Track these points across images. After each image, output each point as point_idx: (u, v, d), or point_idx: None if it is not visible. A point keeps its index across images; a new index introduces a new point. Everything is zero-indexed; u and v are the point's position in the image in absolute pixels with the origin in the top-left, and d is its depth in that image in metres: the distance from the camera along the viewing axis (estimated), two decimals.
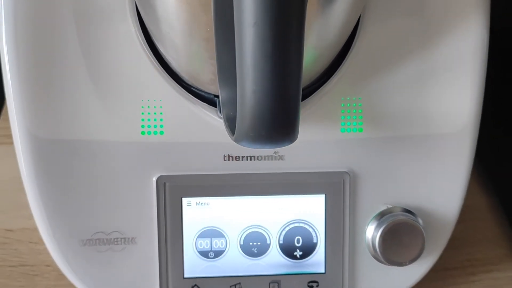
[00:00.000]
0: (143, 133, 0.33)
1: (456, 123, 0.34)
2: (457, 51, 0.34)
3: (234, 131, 0.25)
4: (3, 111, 0.52)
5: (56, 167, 0.33)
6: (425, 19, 0.34)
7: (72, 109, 0.32)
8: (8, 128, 0.48)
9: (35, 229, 0.36)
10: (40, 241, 0.37)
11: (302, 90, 0.32)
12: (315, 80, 0.33)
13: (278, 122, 0.21)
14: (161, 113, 0.33)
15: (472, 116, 0.34)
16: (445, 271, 0.40)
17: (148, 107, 0.33)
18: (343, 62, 0.33)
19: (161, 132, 0.33)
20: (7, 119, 0.48)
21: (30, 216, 0.36)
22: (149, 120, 0.33)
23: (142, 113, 0.33)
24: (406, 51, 0.34)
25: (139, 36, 0.32)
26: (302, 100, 0.27)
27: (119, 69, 0.32)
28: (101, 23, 0.32)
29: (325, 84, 0.33)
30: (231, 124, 0.28)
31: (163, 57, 0.33)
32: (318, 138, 0.34)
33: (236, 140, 0.24)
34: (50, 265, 0.40)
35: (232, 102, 0.27)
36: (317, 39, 0.29)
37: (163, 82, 0.32)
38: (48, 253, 0.36)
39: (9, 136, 0.48)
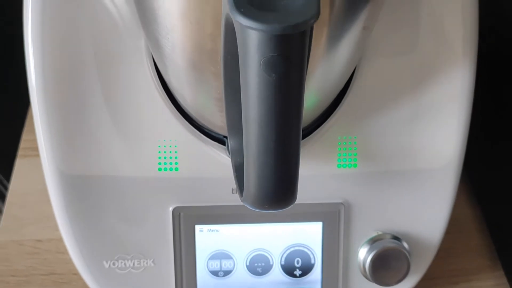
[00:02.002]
0: (160, 169, 0.37)
1: (442, 160, 0.38)
2: (445, 94, 0.37)
3: (242, 189, 0.29)
4: (31, 124, 0.55)
5: (83, 200, 0.37)
6: (416, 64, 0.37)
7: (96, 148, 0.36)
8: (32, 140, 0.52)
9: (62, 240, 0.41)
10: (66, 251, 0.41)
11: (302, 131, 0.35)
12: (313, 121, 0.37)
13: (279, 197, 0.25)
14: (176, 152, 0.36)
15: (456, 153, 0.38)
16: (430, 280, 0.44)
17: (164, 146, 0.36)
18: (340, 105, 0.37)
19: (176, 169, 0.37)
20: (31, 131, 0.52)
21: (57, 227, 0.40)
22: (165, 158, 0.37)
23: (159, 152, 0.36)
24: (398, 93, 0.37)
25: (155, 82, 0.35)
26: (302, 140, 0.31)
27: (137, 112, 0.36)
28: (120, 71, 0.35)
29: (323, 125, 0.37)
30: (239, 174, 0.31)
31: (177, 101, 0.36)
32: (317, 173, 0.37)
33: (243, 202, 0.27)
34: (77, 273, 0.44)
35: (240, 150, 0.31)
36: (319, 88, 0.32)
37: (177, 124, 0.36)
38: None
39: (34, 148, 0.52)
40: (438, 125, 0.37)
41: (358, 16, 0.27)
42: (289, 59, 0.21)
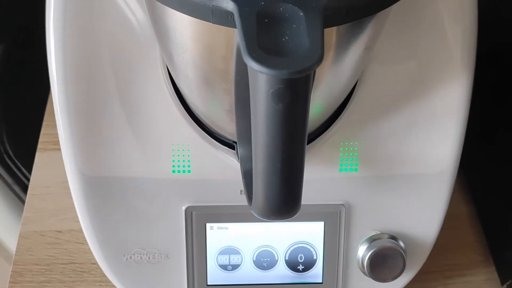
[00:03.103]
0: (173, 171, 0.39)
1: (438, 165, 0.40)
2: (442, 103, 0.39)
3: (250, 196, 0.31)
4: (50, 119, 0.57)
5: (103, 199, 0.39)
6: (415, 75, 0.39)
7: (115, 152, 0.39)
8: (51, 134, 0.55)
9: (81, 231, 0.43)
10: (85, 242, 0.44)
11: (307, 137, 0.38)
12: (317, 128, 0.39)
13: (284, 211, 0.28)
14: (188, 155, 0.39)
15: (451, 160, 0.40)
16: (425, 274, 0.47)
17: (178, 150, 0.39)
18: (342, 113, 0.39)
19: (189, 171, 0.39)
20: (50, 126, 0.55)
21: (76, 219, 0.43)
22: (178, 161, 0.39)
23: (173, 155, 0.39)
24: (397, 103, 0.39)
25: (169, 90, 0.38)
26: (306, 145, 0.33)
27: (153, 118, 0.38)
28: (137, 79, 0.38)
29: (326, 131, 0.39)
30: (247, 180, 0.34)
31: (190, 107, 0.38)
32: (320, 176, 0.40)
33: (252, 211, 0.30)
34: (95, 263, 0.47)
35: (249, 158, 0.33)
36: (323, 99, 0.35)
37: (190, 129, 0.38)
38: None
39: (53, 142, 0.55)
40: (435, 133, 0.40)
41: (360, 40, 0.30)
42: (295, 92, 0.24)
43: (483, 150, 0.51)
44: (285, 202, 0.27)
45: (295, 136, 0.25)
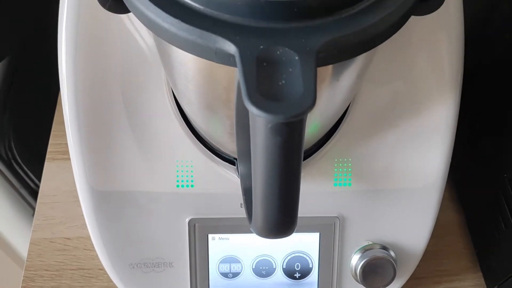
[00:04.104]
0: (177, 186, 0.41)
1: (427, 180, 0.42)
2: (431, 122, 0.41)
3: (250, 214, 0.34)
4: (58, 129, 0.59)
5: (111, 212, 0.42)
6: (405, 94, 0.41)
7: (122, 168, 0.41)
8: (60, 144, 0.57)
9: (89, 237, 0.46)
10: (93, 248, 0.46)
11: (303, 153, 0.40)
12: (313, 145, 0.41)
13: (281, 230, 0.30)
14: (191, 171, 0.41)
15: (440, 173, 0.42)
16: (415, 280, 0.50)
17: (182, 166, 0.41)
18: (336, 131, 0.41)
19: (192, 185, 0.41)
20: (59, 136, 0.57)
21: (84, 226, 0.45)
22: (182, 176, 0.41)
23: (177, 171, 0.41)
24: (389, 121, 0.41)
25: (173, 109, 0.40)
26: (303, 161, 0.35)
27: (158, 136, 0.41)
28: (143, 99, 0.40)
29: (321, 148, 0.41)
30: (247, 197, 0.36)
31: (193, 126, 0.41)
32: (315, 190, 0.42)
33: (251, 229, 0.32)
34: (103, 269, 0.49)
35: (249, 175, 0.35)
36: (320, 118, 0.37)
37: (193, 146, 0.41)
38: None
39: (61, 152, 0.57)
40: (424, 149, 0.42)
41: (352, 71, 0.32)
42: (291, 128, 0.26)
43: (471, 161, 0.53)
44: (282, 223, 0.30)
45: (291, 165, 0.28)
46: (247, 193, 0.36)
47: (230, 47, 0.26)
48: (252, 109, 0.23)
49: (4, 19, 0.65)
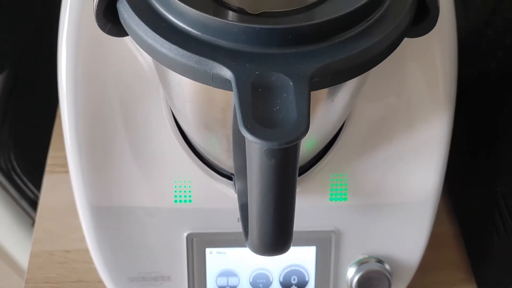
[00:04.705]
0: (175, 201, 0.42)
1: (421, 195, 0.43)
2: (425, 137, 0.42)
3: (246, 231, 0.34)
4: (57, 142, 0.60)
5: (111, 227, 0.43)
6: (400, 111, 0.42)
7: (121, 183, 0.42)
8: (59, 157, 0.58)
9: (88, 250, 0.46)
10: (92, 261, 0.47)
11: (299, 169, 0.41)
12: (309, 161, 0.42)
13: (276, 248, 0.31)
14: (189, 186, 0.42)
15: (434, 188, 0.43)
16: None
17: (180, 181, 0.42)
18: (332, 147, 0.42)
19: (190, 201, 0.42)
20: (57, 149, 0.57)
21: (83, 239, 0.46)
22: (180, 191, 0.42)
23: (175, 186, 0.42)
24: (384, 137, 0.42)
25: (171, 126, 0.41)
26: (298, 176, 0.36)
27: (156, 152, 0.41)
28: (142, 116, 0.41)
29: (317, 164, 0.42)
30: (244, 214, 0.37)
31: (191, 142, 0.41)
32: (312, 205, 0.43)
33: (247, 246, 0.33)
34: (102, 281, 0.50)
35: (246, 192, 0.36)
36: (315, 136, 0.37)
37: (191, 162, 0.41)
38: None
39: (61, 165, 0.58)
40: (418, 164, 0.43)
41: (346, 92, 0.32)
42: (285, 151, 0.27)
43: (466, 174, 0.54)
44: (277, 242, 0.31)
45: (286, 186, 0.28)
46: (244, 209, 0.37)
47: (227, 73, 0.27)
48: (247, 136, 0.24)
49: (3, 31, 0.66)
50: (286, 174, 0.28)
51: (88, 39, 0.38)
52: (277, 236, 0.30)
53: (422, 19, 0.30)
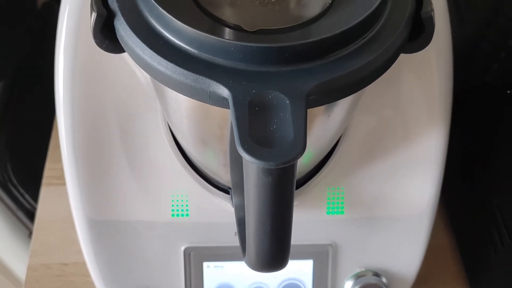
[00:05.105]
0: (173, 215, 0.42)
1: (417, 208, 0.43)
2: (421, 151, 0.42)
3: (244, 246, 0.34)
4: (54, 154, 0.60)
5: (108, 240, 0.42)
6: (396, 125, 0.42)
7: (119, 198, 0.42)
8: (57, 169, 0.58)
9: (85, 263, 0.46)
10: (89, 274, 0.47)
11: (296, 182, 0.41)
12: (306, 174, 0.42)
13: (273, 265, 0.31)
14: (187, 200, 0.42)
15: (430, 201, 0.43)
16: None
17: (177, 195, 0.42)
18: (329, 160, 0.42)
19: (187, 215, 0.42)
20: (54, 161, 0.57)
21: (80, 252, 0.46)
22: (177, 205, 0.42)
23: (172, 200, 0.42)
24: (380, 150, 0.42)
25: (168, 140, 0.41)
26: (296, 190, 0.36)
27: (154, 166, 0.41)
28: (139, 130, 0.41)
29: (314, 177, 0.42)
30: (241, 229, 0.37)
31: (188, 156, 0.41)
32: (309, 219, 0.43)
33: (245, 262, 0.33)
34: None
35: (243, 206, 0.36)
36: (314, 146, 0.37)
37: (188, 177, 0.41)
38: None
39: (57, 177, 0.58)
40: (414, 177, 0.43)
41: (342, 109, 0.33)
42: (282, 170, 0.27)
43: (463, 187, 0.54)
44: (274, 259, 0.31)
45: (284, 203, 0.28)
46: (241, 224, 0.37)
47: (224, 91, 0.27)
48: (244, 155, 0.24)
49: (0, 43, 0.66)
50: (283, 192, 0.28)
51: (85, 52, 0.38)
52: (274, 253, 0.30)
53: (418, 35, 0.31)
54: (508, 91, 0.45)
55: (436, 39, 0.40)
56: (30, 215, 0.71)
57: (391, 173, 0.42)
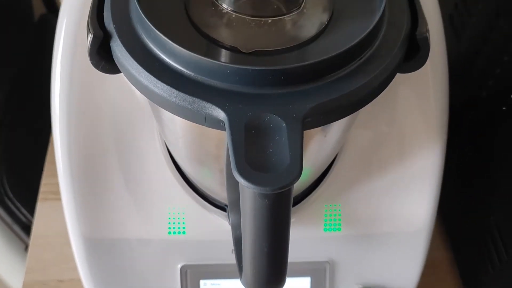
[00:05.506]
0: (169, 233, 0.42)
1: (415, 225, 0.43)
2: (418, 169, 0.42)
3: (240, 266, 0.34)
4: (50, 168, 0.60)
5: (104, 259, 0.42)
6: (393, 142, 0.42)
7: (115, 216, 0.41)
8: (53, 184, 0.57)
9: (81, 280, 0.46)
10: None
11: (293, 199, 0.41)
12: (303, 191, 0.42)
13: (270, 287, 0.31)
14: (183, 218, 0.42)
15: (428, 218, 0.43)
16: None
17: (173, 213, 0.42)
18: (326, 177, 0.42)
19: (184, 232, 0.42)
20: (50, 176, 0.57)
21: (76, 268, 0.46)
22: (174, 223, 0.42)
23: (169, 218, 0.42)
24: (377, 168, 0.42)
25: (165, 158, 0.41)
26: (293, 207, 0.36)
27: (150, 184, 0.41)
28: (135, 149, 0.40)
29: (311, 194, 0.42)
30: (238, 248, 0.36)
31: (185, 174, 0.41)
32: (306, 236, 0.43)
33: (242, 283, 0.33)
34: None
35: (239, 225, 0.36)
36: (311, 165, 0.37)
37: (184, 194, 0.41)
38: None
39: (53, 192, 0.57)
40: (412, 194, 0.43)
41: (338, 129, 0.33)
42: (278, 193, 0.27)
43: (460, 200, 0.54)
44: (271, 280, 0.31)
45: (280, 225, 0.28)
46: (238, 243, 0.37)
47: (220, 114, 0.27)
48: (241, 180, 0.24)
49: None
50: (279, 214, 0.28)
51: (82, 69, 0.38)
52: (271, 274, 0.30)
53: (413, 55, 0.31)
54: (504, 107, 0.45)
55: (432, 55, 0.40)
56: (27, 228, 0.71)
57: (388, 190, 0.42)
